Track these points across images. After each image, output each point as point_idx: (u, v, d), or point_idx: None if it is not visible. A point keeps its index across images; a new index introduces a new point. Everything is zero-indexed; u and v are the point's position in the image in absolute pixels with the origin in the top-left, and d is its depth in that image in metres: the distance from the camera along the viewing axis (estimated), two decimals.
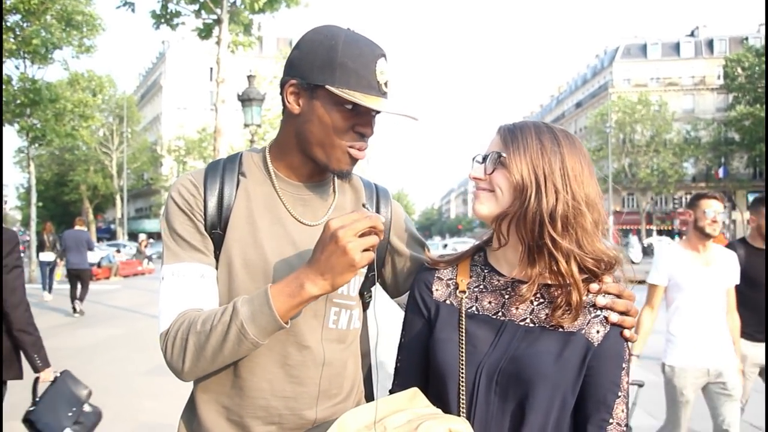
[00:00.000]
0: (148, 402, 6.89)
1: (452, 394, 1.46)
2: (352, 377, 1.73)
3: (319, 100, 1.53)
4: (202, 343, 1.43)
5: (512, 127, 1.52)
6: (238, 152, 1.74)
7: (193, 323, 1.45)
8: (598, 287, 1.48)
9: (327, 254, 1.35)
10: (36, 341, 3.56)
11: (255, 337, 1.40)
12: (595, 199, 1.48)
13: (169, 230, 1.58)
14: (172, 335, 1.48)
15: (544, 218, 1.43)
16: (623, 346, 1.47)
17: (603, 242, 1.50)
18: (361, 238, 1.33)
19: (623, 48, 70.42)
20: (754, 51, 49.55)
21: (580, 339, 1.44)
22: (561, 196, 1.43)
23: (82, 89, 25.66)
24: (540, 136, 1.49)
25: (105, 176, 51.41)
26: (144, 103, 73.88)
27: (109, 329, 11.99)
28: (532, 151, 1.46)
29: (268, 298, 1.38)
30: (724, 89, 55.15)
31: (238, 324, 1.39)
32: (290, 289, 1.39)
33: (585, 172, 1.48)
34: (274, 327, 1.40)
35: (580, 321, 1.46)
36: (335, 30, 1.56)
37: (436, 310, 1.57)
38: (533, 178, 1.45)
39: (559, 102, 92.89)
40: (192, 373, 1.49)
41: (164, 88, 68.20)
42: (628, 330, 1.47)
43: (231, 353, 1.44)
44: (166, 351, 1.50)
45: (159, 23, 14.18)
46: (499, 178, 1.49)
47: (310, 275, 1.38)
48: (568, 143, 1.49)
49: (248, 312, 1.40)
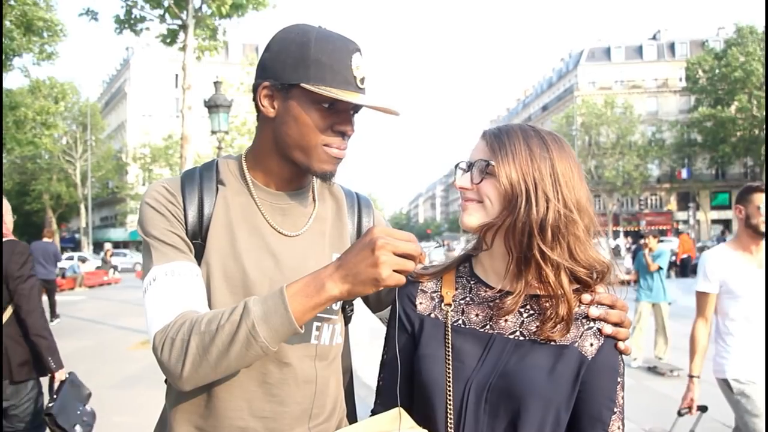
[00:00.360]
0: (117, 417, 6.71)
1: (440, 413, 1.38)
2: (335, 396, 1.65)
3: (294, 100, 1.48)
4: (207, 345, 1.31)
5: (498, 132, 1.45)
6: (213, 159, 1.67)
7: (197, 323, 1.34)
8: (590, 298, 1.43)
9: (358, 258, 1.28)
10: (50, 344, 3.93)
11: (265, 341, 1.30)
12: (586, 204, 1.42)
13: (152, 234, 1.49)
14: (171, 335, 1.35)
15: (534, 229, 1.36)
16: (618, 359, 1.42)
17: (596, 248, 1.45)
18: (398, 257, 1.27)
19: (588, 51, 71.32)
20: (713, 54, 50.53)
21: (573, 352, 1.38)
22: (552, 204, 1.37)
23: (44, 96, 25.21)
24: (528, 140, 1.42)
25: (69, 185, 50.61)
26: (108, 111, 72.87)
27: (74, 342, 11.73)
28: (521, 158, 1.39)
29: (283, 298, 1.30)
30: (687, 91, 56.15)
31: (249, 324, 1.29)
32: (309, 289, 1.31)
33: (575, 176, 1.42)
34: (288, 330, 1.31)
35: (572, 333, 1.40)
36: (306, 27, 1.51)
37: (420, 325, 1.49)
38: (523, 186, 1.38)
39: (526, 105, 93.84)
40: (191, 379, 1.36)
41: (129, 95, 67.32)
42: (623, 342, 1.42)
43: (237, 358, 1.32)
44: (162, 352, 1.35)
45: (122, 28, 13.96)
46: (488, 188, 1.42)
47: (333, 275, 1.31)
48: (557, 147, 1.43)
49: (261, 312, 1.30)
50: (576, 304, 1.41)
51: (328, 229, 1.65)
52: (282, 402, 1.51)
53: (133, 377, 8.70)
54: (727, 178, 60.89)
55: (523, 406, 1.33)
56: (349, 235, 1.70)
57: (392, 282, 1.27)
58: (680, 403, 3.88)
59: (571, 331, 1.40)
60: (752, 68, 45.83)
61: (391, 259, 1.26)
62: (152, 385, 7.99)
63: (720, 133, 48.48)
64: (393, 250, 1.26)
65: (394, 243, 1.26)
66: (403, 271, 1.28)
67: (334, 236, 1.66)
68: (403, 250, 1.27)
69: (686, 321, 4.85)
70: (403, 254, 1.27)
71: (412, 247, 1.28)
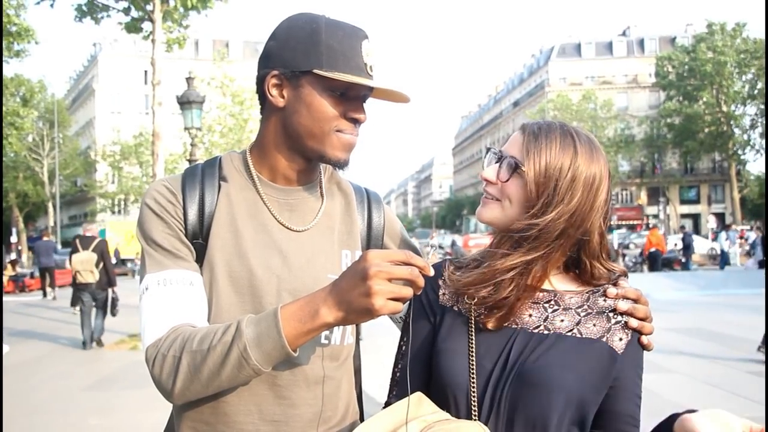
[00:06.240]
0: (94, 419, 6.58)
1: (462, 407, 1.34)
2: (347, 398, 1.58)
3: (305, 88, 1.43)
4: (198, 365, 1.27)
5: (538, 132, 1.39)
6: (216, 156, 1.61)
7: (189, 340, 1.29)
8: (615, 291, 1.40)
9: (350, 286, 1.20)
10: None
11: (258, 364, 1.24)
12: (605, 206, 1.40)
13: (148, 239, 1.44)
14: (163, 352, 1.31)
15: (552, 234, 1.33)
16: (642, 354, 1.41)
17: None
18: (392, 285, 1.17)
19: (558, 47, 72.01)
20: (683, 49, 51.21)
21: (601, 347, 1.34)
22: (576, 211, 1.34)
23: (11, 94, 24.64)
24: (564, 144, 1.36)
25: (36, 183, 49.68)
26: (76, 108, 71.75)
27: (46, 342, 11.57)
28: (552, 163, 1.34)
29: (277, 321, 1.23)
30: (657, 87, 56.89)
31: (241, 347, 1.23)
32: (302, 313, 1.23)
33: (602, 185, 1.38)
34: (280, 354, 1.24)
35: (599, 328, 1.36)
36: (313, 15, 1.47)
37: (442, 316, 1.44)
38: (547, 194, 1.33)
39: (497, 101, 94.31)
40: (183, 396, 1.33)
41: (97, 92, 66.30)
42: (646, 336, 1.40)
43: (229, 378, 1.28)
44: (153, 368, 1.32)
45: (82, 16, 13.61)
46: (512, 189, 1.38)
47: (327, 301, 1.23)
48: (587, 150, 1.38)
49: (253, 334, 1.24)
50: (603, 297, 1.40)
51: (336, 225, 1.59)
52: (293, 404, 1.45)
53: (109, 379, 8.55)
54: (696, 173, 61.87)
55: (544, 400, 1.29)
56: (360, 231, 1.64)
57: (387, 312, 1.19)
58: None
59: (597, 325, 1.36)
60: (723, 61, 46.46)
61: (384, 288, 1.16)
62: (128, 386, 7.95)
63: (688, 128, 49.17)
64: (387, 276, 1.17)
65: (388, 269, 1.17)
66: (400, 299, 1.19)
67: (343, 233, 1.60)
68: (399, 275, 1.18)
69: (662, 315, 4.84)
70: (399, 279, 1.19)
71: (408, 271, 1.18)
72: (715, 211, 56.95)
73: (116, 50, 63.42)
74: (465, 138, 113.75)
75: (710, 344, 9.84)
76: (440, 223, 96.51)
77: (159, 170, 12.57)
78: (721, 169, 57.07)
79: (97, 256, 11.02)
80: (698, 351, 9.26)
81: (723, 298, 16.22)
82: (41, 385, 8.27)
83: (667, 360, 8.39)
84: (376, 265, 1.17)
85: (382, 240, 1.68)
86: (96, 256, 11.02)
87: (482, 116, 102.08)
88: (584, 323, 1.37)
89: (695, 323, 11.97)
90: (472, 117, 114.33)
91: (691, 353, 9.05)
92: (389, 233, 1.70)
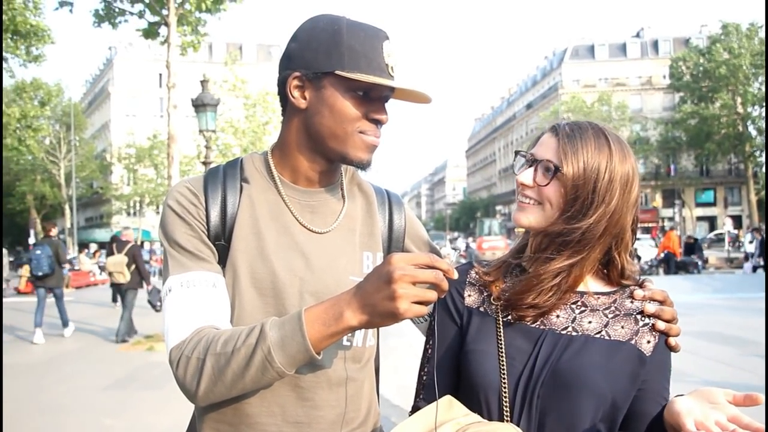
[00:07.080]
0: (109, 420, 6.61)
1: (492, 409, 1.34)
2: (369, 399, 1.59)
3: (327, 89, 1.43)
4: (222, 367, 1.27)
5: (572, 134, 1.39)
6: (237, 157, 1.61)
7: (213, 342, 1.30)
8: (642, 293, 1.41)
9: (374, 289, 1.19)
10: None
11: (282, 367, 1.24)
12: (636, 202, 1.41)
13: (171, 240, 1.45)
14: (187, 354, 1.31)
15: (589, 236, 1.35)
16: (669, 356, 1.41)
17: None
18: (416, 289, 1.17)
19: (572, 49, 71.68)
20: (697, 51, 50.80)
21: (630, 349, 1.35)
22: (615, 211, 1.35)
23: (29, 98, 24.91)
24: (599, 145, 1.37)
25: (53, 185, 50.16)
26: (92, 111, 72.31)
27: (63, 342, 11.66)
28: (590, 164, 1.35)
29: (301, 324, 1.23)
30: (671, 89, 56.49)
31: (265, 350, 1.23)
32: (327, 316, 1.23)
33: (635, 183, 1.39)
34: (304, 357, 1.24)
35: (627, 330, 1.37)
36: (334, 17, 1.47)
37: (469, 318, 1.44)
38: (588, 195, 1.35)
39: (510, 104, 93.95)
40: (207, 398, 1.33)
41: (112, 95, 66.82)
42: (674, 339, 1.40)
43: (253, 381, 1.28)
44: (177, 370, 1.33)
45: (100, 22, 13.77)
46: (551, 192, 1.38)
47: (352, 304, 1.22)
48: (620, 149, 1.38)
49: (277, 337, 1.24)
50: (629, 299, 1.41)
51: (358, 227, 1.59)
52: (315, 406, 1.45)
53: (124, 379, 8.59)
54: (712, 175, 61.40)
55: (577, 403, 1.29)
56: (381, 233, 1.64)
57: (412, 315, 1.18)
58: None
59: (625, 327, 1.37)
60: (739, 64, 46.08)
61: (409, 291, 1.16)
62: (143, 387, 7.98)
63: (704, 130, 48.78)
64: (412, 279, 1.17)
65: (412, 272, 1.17)
66: (424, 302, 1.19)
67: (365, 234, 1.60)
68: (424, 278, 1.17)
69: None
70: (423, 282, 1.19)
71: (432, 275, 1.18)
72: (731, 213, 56.53)
73: (131, 54, 63.79)
74: (478, 140, 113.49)
75: (726, 348, 9.76)
76: (454, 225, 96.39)
77: (174, 172, 12.65)
78: (737, 171, 56.59)
79: (128, 259, 12.28)
80: (713, 355, 9.18)
81: (737, 302, 16.07)
82: (59, 384, 8.32)
83: (682, 364, 8.31)
84: (400, 268, 1.17)
85: (403, 242, 1.68)
86: (127, 259, 12.27)
87: (495, 118, 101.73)
88: (612, 325, 1.37)
89: (709, 326, 11.88)
90: (485, 119, 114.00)
91: (706, 356, 8.98)
92: (410, 235, 1.70)
